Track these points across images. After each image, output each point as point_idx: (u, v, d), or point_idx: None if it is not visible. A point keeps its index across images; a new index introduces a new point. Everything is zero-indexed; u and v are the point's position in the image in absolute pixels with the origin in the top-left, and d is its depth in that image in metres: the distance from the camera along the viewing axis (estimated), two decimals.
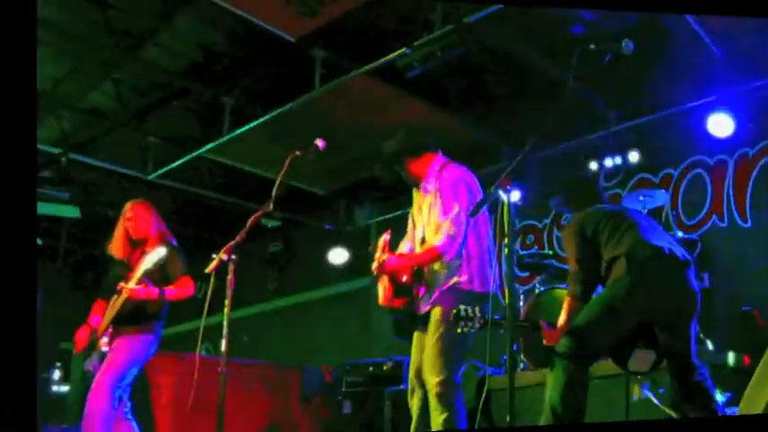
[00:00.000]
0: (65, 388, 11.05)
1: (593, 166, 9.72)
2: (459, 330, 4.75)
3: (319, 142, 5.50)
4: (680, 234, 8.42)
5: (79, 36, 8.59)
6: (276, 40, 8.20)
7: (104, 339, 6.37)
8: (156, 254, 6.17)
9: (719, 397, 5.77)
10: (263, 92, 9.61)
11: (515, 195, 4.36)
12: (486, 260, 5.51)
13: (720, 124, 8.53)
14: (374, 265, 5.45)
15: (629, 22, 7.43)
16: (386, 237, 5.50)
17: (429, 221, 5.54)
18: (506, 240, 4.44)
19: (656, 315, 4.91)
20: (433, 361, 5.26)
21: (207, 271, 5.18)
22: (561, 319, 5.02)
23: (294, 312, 14.40)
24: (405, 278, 5.53)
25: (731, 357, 6.98)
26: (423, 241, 5.62)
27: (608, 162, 9.68)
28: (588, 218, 5.24)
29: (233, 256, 5.21)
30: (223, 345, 5.15)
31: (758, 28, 7.54)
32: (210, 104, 9.95)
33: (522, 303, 8.36)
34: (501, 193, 4.41)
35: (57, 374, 11.52)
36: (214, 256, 5.23)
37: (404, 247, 5.83)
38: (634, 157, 9.56)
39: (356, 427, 9.37)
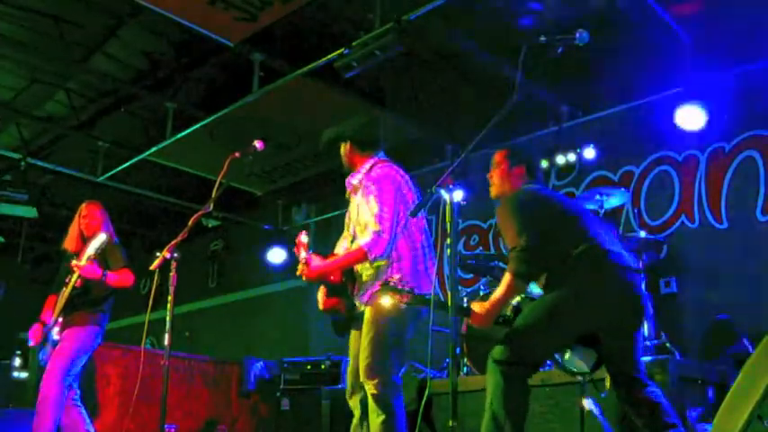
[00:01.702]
0: (24, 374, 11.06)
1: (544, 163, 8.69)
2: (384, 301, 4.31)
3: (258, 144, 5.35)
4: (643, 234, 7.44)
5: (35, 49, 8.56)
6: (216, 46, 7.98)
7: (55, 329, 6.39)
8: (98, 240, 6.24)
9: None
10: (205, 96, 9.42)
11: (458, 195, 4.09)
12: (419, 260, 5.02)
13: (690, 117, 7.43)
14: (298, 269, 5.05)
15: (583, 11, 6.94)
16: (301, 238, 5.10)
17: (358, 220, 5.14)
18: (449, 241, 4.02)
19: (601, 322, 4.24)
20: (368, 362, 4.82)
21: (151, 268, 5.01)
22: (495, 295, 4.32)
23: (234, 309, 14.02)
24: (332, 278, 5.13)
25: (703, 369, 6.09)
26: (354, 239, 5.22)
27: (560, 159, 8.77)
28: (539, 194, 4.57)
29: (175, 254, 5.07)
30: (166, 339, 4.99)
31: (736, 10, 6.99)
32: (155, 110, 9.82)
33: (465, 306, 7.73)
34: (443, 192, 4.01)
35: (17, 362, 11.61)
36: (158, 253, 5.11)
37: (340, 247, 5.39)
38: (590, 153, 8.58)
39: (294, 424, 9.14)
